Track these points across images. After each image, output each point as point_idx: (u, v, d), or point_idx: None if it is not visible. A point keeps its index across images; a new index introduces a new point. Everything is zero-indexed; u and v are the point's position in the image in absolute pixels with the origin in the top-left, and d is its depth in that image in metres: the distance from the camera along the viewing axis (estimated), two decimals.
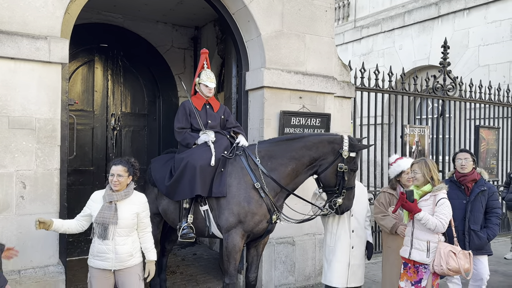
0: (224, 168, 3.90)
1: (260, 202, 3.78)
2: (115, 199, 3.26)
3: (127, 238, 3.28)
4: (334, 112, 5.68)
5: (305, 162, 3.83)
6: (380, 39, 11.59)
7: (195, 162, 3.86)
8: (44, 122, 3.74)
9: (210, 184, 3.84)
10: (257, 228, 3.82)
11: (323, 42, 5.41)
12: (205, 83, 4.32)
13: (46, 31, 3.74)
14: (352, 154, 3.73)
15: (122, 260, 3.26)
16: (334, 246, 3.93)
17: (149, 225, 3.44)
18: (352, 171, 3.74)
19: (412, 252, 3.58)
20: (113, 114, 7.24)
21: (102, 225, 3.20)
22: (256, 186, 3.77)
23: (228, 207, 3.79)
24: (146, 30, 7.44)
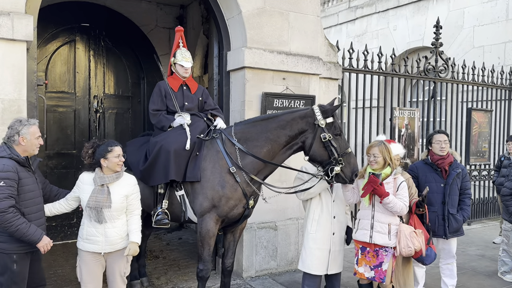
0: (199, 152, 3.76)
1: (235, 187, 3.65)
2: (107, 181, 3.17)
3: (117, 221, 3.21)
4: (320, 94, 5.50)
5: (281, 143, 3.68)
6: (374, 20, 11.32)
7: (169, 146, 3.72)
8: (9, 103, 3.56)
9: (185, 168, 3.71)
10: (232, 212, 3.70)
11: (308, 20, 5.20)
12: (181, 63, 4.13)
13: (9, 7, 3.53)
14: (329, 120, 3.58)
15: (112, 243, 3.20)
16: (315, 233, 3.79)
17: (137, 207, 3.36)
18: (337, 136, 3.58)
19: (373, 235, 3.52)
20: (95, 96, 7.05)
21: (95, 208, 3.12)
22: (232, 170, 3.63)
23: (202, 191, 3.67)
24: (129, 9, 7.19)
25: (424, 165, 4.16)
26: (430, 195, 3.93)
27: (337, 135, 3.59)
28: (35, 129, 3.12)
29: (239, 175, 3.64)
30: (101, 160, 3.18)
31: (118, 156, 3.19)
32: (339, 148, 3.56)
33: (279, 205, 5.07)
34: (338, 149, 3.55)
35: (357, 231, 3.66)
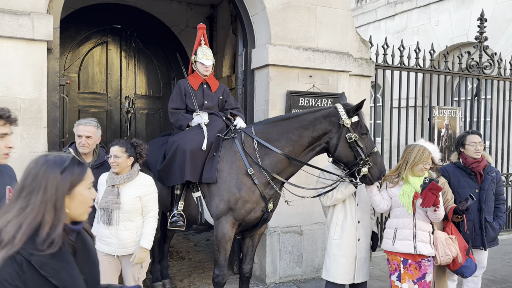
0: (216, 152, 3.64)
1: (252, 189, 3.48)
2: (117, 182, 3.10)
3: (131, 223, 3.13)
4: (350, 92, 5.22)
5: (304, 144, 3.49)
6: (415, 15, 10.77)
7: (185, 146, 3.61)
8: (29, 103, 3.59)
9: (201, 169, 3.59)
10: (249, 216, 3.54)
11: (337, 15, 4.94)
12: (201, 61, 4.04)
13: (30, 7, 3.56)
14: (354, 119, 3.39)
15: (125, 246, 3.12)
16: (339, 239, 3.53)
17: (153, 209, 3.23)
18: (363, 135, 3.39)
19: (417, 245, 3.22)
20: (127, 97, 7.13)
21: (106, 210, 3.08)
22: (249, 172, 3.48)
23: (218, 193, 3.54)
24: (160, 10, 7.22)
25: (456, 168, 3.79)
26: None
27: (363, 134, 3.39)
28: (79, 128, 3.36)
29: (257, 177, 3.48)
30: (108, 160, 3.14)
31: (111, 157, 3.10)
32: (366, 148, 3.36)
33: (305, 209, 4.84)
34: (364, 149, 3.35)
35: (395, 242, 3.31)
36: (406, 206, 3.22)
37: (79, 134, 3.34)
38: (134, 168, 3.18)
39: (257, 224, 3.66)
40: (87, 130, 3.33)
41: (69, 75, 6.64)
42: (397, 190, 3.32)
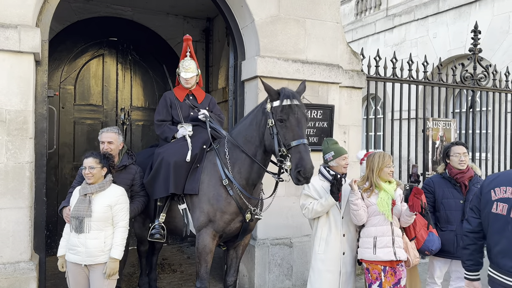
0: (200, 164, 3.63)
1: (228, 200, 3.45)
2: (89, 191, 3.17)
3: (100, 233, 3.15)
4: (341, 103, 5.22)
5: (254, 141, 3.36)
6: (413, 28, 10.80)
7: (169, 158, 3.61)
8: (15, 114, 3.63)
9: (185, 180, 3.58)
10: (228, 227, 3.51)
11: (327, 27, 4.97)
12: (181, 74, 4.08)
13: (17, 20, 3.62)
14: (275, 103, 3.19)
15: (92, 255, 3.12)
16: (323, 253, 3.47)
17: (123, 219, 3.26)
18: (280, 122, 3.12)
19: (397, 251, 3.27)
20: (122, 109, 7.17)
21: (77, 218, 3.12)
22: (224, 183, 3.45)
23: (199, 205, 3.53)
24: (156, 23, 7.30)
25: (441, 179, 3.77)
26: (448, 213, 3.62)
27: (281, 121, 3.13)
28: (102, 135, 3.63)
29: (231, 188, 3.45)
30: (82, 172, 3.20)
31: (84, 168, 3.17)
32: (284, 139, 3.11)
33: (295, 221, 4.81)
34: (282, 139, 3.12)
35: (376, 251, 3.29)
36: (386, 214, 3.24)
37: (102, 140, 3.60)
38: (106, 179, 3.24)
39: (238, 235, 3.62)
40: (109, 136, 3.60)
41: (65, 87, 6.70)
42: (374, 199, 3.31)
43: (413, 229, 3.53)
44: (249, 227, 3.63)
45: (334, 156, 3.50)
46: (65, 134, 6.54)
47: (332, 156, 3.50)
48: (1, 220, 3.58)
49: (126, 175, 3.61)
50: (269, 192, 4.61)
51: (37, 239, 3.88)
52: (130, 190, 3.63)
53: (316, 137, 4.85)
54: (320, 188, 3.47)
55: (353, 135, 5.30)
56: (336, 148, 3.52)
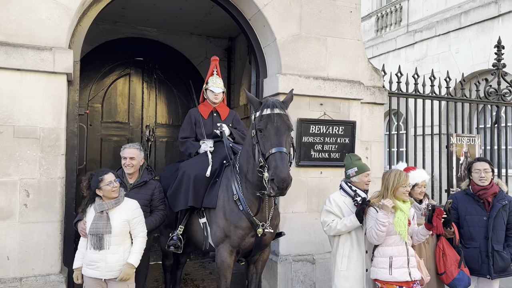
0: (219, 178, 3.71)
1: (239, 215, 3.47)
2: (105, 207, 3.23)
3: (119, 247, 3.22)
4: (363, 119, 5.24)
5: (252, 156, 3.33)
6: (434, 43, 10.77)
7: (190, 172, 3.74)
8: (48, 132, 3.80)
9: (204, 194, 3.68)
10: (243, 242, 3.52)
11: (348, 44, 5.04)
12: (211, 89, 4.21)
13: (52, 43, 3.83)
14: (257, 113, 3.19)
15: (112, 269, 3.19)
16: (346, 270, 3.46)
17: (142, 231, 3.34)
18: (260, 132, 3.06)
19: (411, 271, 3.23)
20: (147, 126, 7.36)
21: (96, 235, 3.17)
22: (234, 198, 3.50)
23: (215, 220, 3.59)
24: (180, 43, 7.53)
25: (465, 195, 3.73)
26: (471, 229, 3.56)
27: (260, 130, 3.08)
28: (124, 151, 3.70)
29: (241, 203, 3.47)
30: (96, 190, 3.24)
31: (109, 184, 3.21)
32: (263, 147, 3.03)
33: (318, 237, 4.80)
34: (262, 149, 3.06)
35: (392, 271, 3.25)
36: (402, 234, 3.21)
37: (124, 156, 3.68)
38: (120, 194, 3.31)
39: (252, 250, 3.61)
40: (131, 152, 3.68)
41: (93, 105, 6.95)
42: (390, 218, 3.27)
43: (443, 264, 3.52)
44: (263, 242, 3.61)
45: (357, 172, 3.51)
46: (92, 150, 6.75)
47: (355, 172, 3.51)
48: (33, 233, 3.72)
49: (146, 190, 3.70)
50: (290, 207, 4.67)
51: (66, 253, 4.00)
52: (149, 205, 3.71)
53: (338, 153, 4.88)
54: (342, 204, 3.48)
55: (375, 151, 5.30)
56: (359, 164, 3.54)
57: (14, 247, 3.66)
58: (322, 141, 4.78)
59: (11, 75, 3.68)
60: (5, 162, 3.64)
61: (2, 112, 3.67)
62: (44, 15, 3.81)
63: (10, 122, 3.68)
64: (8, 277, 3.61)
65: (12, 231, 3.66)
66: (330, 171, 4.86)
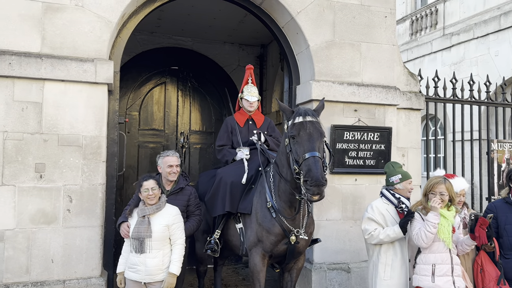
0: (254, 185, 3.79)
1: (272, 222, 3.52)
2: (147, 212, 3.34)
3: (159, 252, 3.31)
4: (399, 125, 5.15)
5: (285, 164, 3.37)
6: (472, 46, 10.42)
7: (227, 178, 3.83)
8: (90, 140, 3.95)
9: (239, 200, 3.76)
10: (276, 248, 3.56)
11: (383, 50, 4.97)
12: (246, 97, 4.29)
13: (94, 54, 3.99)
14: (289, 122, 3.26)
15: (151, 273, 3.28)
16: (389, 279, 3.40)
17: (180, 237, 3.42)
18: (292, 139, 3.15)
19: (456, 280, 3.14)
20: (182, 133, 7.52)
21: (138, 239, 3.28)
22: (268, 206, 3.55)
23: (250, 225, 3.67)
24: (214, 51, 7.66)
25: (505, 204, 3.59)
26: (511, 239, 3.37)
27: (293, 137, 3.16)
28: (168, 159, 3.73)
29: (275, 210, 3.51)
30: (139, 194, 3.38)
31: (146, 191, 3.31)
32: (296, 154, 3.10)
33: (353, 245, 4.74)
34: (295, 155, 3.11)
35: (435, 279, 3.16)
36: (446, 241, 3.13)
37: (170, 164, 3.75)
38: (161, 199, 3.41)
39: (286, 256, 3.63)
40: (176, 160, 3.79)
41: (131, 113, 7.18)
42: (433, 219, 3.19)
43: (481, 280, 3.45)
44: (297, 249, 3.61)
45: (401, 179, 3.48)
46: (130, 157, 6.95)
47: (399, 179, 3.48)
48: (76, 237, 3.87)
49: (182, 196, 3.79)
50: (324, 214, 4.63)
51: (106, 257, 4.14)
52: (186, 211, 3.79)
53: (373, 160, 4.81)
54: (385, 212, 3.44)
55: (412, 158, 5.18)
56: (403, 171, 3.53)
57: (58, 251, 3.82)
58: (357, 148, 4.72)
59: (56, 86, 3.87)
60: (50, 169, 3.82)
61: (48, 121, 3.85)
62: (86, 28, 3.98)
63: (54, 130, 3.86)
64: (52, 280, 3.77)
65: (56, 235, 3.83)
66: (365, 178, 4.79)
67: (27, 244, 3.75)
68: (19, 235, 3.74)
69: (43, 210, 3.80)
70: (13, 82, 3.78)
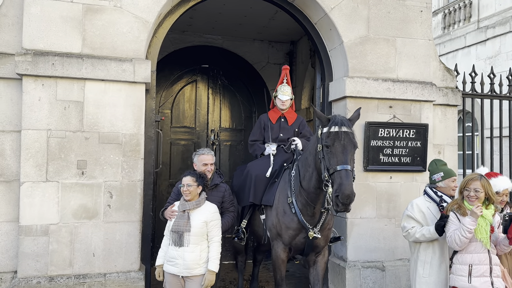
0: (277, 179, 3.98)
1: (291, 217, 3.70)
2: (187, 208, 3.44)
3: (196, 247, 3.39)
4: (435, 121, 5.04)
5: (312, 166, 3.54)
6: (509, 39, 10.05)
7: (253, 172, 4.08)
8: (129, 137, 4.06)
9: (263, 192, 3.97)
10: (294, 241, 3.73)
11: (418, 45, 4.87)
12: (279, 96, 4.42)
13: (132, 54, 4.09)
14: (325, 129, 3.30)
15: (189, 267, 3.35)
16: (428, 276, 3.39)
17: (217, 234, 3.49)
18: (326, 148, 3.23)
19: (494, 281, 3.08)
20: (212, 130, 7.60)
21: (177, 232, 3.39)
22: (288, 201, 3.73)
23: (270, 218, 3.88)
24: (244, 49, 7.69)
25: None
26: None
27: (327, 147, 3.24)
28: (203, 157, 3.82)
29: (294, 206, 3.68)
30: (181, 189, 3.49)
31: (183, 186, 3.45)
32: (328, 163, 3.20)
33: (387, 244, 4.69)
34: (328, 164, 3.21)
35: (471, 280, 3.12)
36: (484, 241, 3.07)
37: (205, 162, 3.86)
38: (201, 196, 3.50)
39: (304, 250, 3.78)
40: (211, 158, 3.91)
41: (163, 111, 7.31)
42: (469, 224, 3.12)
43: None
44: (315, 243, 3.74)
45: (443, 177, 3.44)
46: (163, 154, 7.04)
47: (441, 177, 3.45)
48: (116, 232, 3.99)
49: (217, 193, 3.88)
50: (358, 212, 4.60)
51: (144, 251, 4.24)
52: (220, 207, 3.87)
53: (409, 157, 4.73)
54: (426, 209, 3.41)
55: (448, 155, 5.06)
56: (446, 169, 3.48)
57: (99, 245, 3.95)
58: (392, 145, 4.66)
59: (96, 85, 3.99)
60: (91, 165, 3.95)
61: (89, 119, 3.98)
62: (124, 29, 4.08)
63: (95, 128, 3.98)
64: (93, 273, 3.91)
65: (97, 230, 3.96)
66: (400, 176, 4.72)
67: (70, 238, 3.90)
68: (63, 229, 3.89)
69: (84, 206, 3.93)
70: (56, 82, 3.92)
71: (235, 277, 6.01)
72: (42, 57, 3.85)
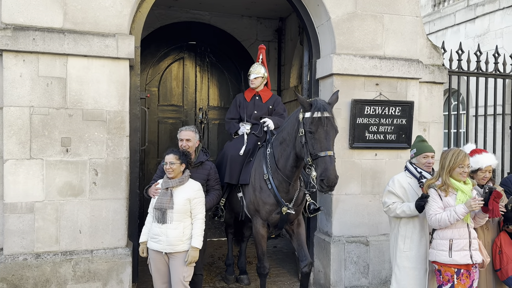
0: (252, 158, 4.12)
1: (267, 193, 3.87)
2: (170, 185, 3.46)
3: (179, 223, 3.42)
4: (421, 99, 5.08)
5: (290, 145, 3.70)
6: (498, 18, 10.04)
7: (228, 152, 4.23)
8: (114, 114, 4.02)
9: (239, 172, 4.09)
10: (270, 217, 3.94)
11: (406, 21, 4.84)
12: (249, 76, 4.62)
13: (115, 29, 4.01)
14: (307, 114, 3.40)
15: (172, 243, 3.39)
16: (409, 250, 3.46)
17: (200, 212, 3.52)
18: (310, 133, 3.36)
19: (473, 254, 3.17)
20: (201, 108, 7.55)
21: (160, 210, 3.41)
22: (265, 177, 3.87)
23: (248, 195, 4.02)
24: (232, 25, 7.58)
25: None
26: None
27: (310, 132, 3.36)
28: (181, 133, 3.91)
29: (271, 182, 3.82)
30: (163, 167, 3.52)
31: (165, 164, 3.47)
32: (312, 148, 3.33)
33: (371, 219, 4.77)
34: (311, 149, 3.35)
35: (452, 254, 3.18)
36: (464, 216, 3.09)
37: (181, 138, 3.92)
38: (185, 174, 3.52)
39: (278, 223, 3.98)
40: (187, 134, 3.90)
41: (150, 89, 7.23)
42: (451, 200, 3.18)
43: (499, 261, 3.46)
44: (288, 217, 3.93)
45: (415, 153, 3.47)
46: (150, 132, 7.02)
47: (414, 154, 3.47)
48: (102, 209, 4.00)
49: (202, 170, 3.89)
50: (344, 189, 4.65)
51: (131, 228, 4.27)
52: (206, 185, 3.90)
53: (394, 134, 4.77)
54: (407, 185, 3.45)
55: (433, 133, 5.12)
56: (419, 145, 3.50)
57: (85, 222, 3.96)
58: (378, 123, 4.69)
59: (79, 61, 3.92)
60: (76, 143, 3.92)
61: (72, 96, 3.92)
62: (107, 3, 3.98)
63: (79, 105, 3.93)
64: (80, 249, 3.93)
65: (83, 207, 3.96)
66: (385, 153, 4.77)
67: (56, 216, 3.89)
68: (48, 206, 3.88)
69: (70, 183, 3.92)
70: (38, 58, 3.84)
71: (224, 253, 6.10)
72: (22, 32, 3.76)
